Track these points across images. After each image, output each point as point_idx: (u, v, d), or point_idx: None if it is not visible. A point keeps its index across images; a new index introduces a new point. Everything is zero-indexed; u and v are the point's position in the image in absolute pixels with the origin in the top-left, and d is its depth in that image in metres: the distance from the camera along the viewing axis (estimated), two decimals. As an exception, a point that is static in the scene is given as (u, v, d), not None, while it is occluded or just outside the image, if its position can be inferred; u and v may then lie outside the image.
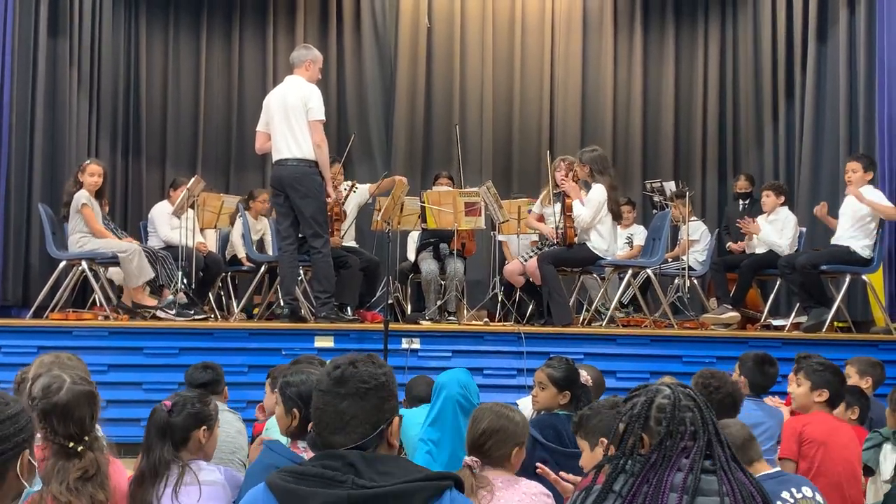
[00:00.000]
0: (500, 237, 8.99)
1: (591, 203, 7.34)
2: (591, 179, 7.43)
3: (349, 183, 8.40)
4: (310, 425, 2.34)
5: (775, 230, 8.12)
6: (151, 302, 7.46)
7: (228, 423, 4.15)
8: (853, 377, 5.09)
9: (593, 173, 7.43)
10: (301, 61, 7.08)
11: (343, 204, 8.15)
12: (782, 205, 8.22)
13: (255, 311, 8.56)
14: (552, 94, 11.00)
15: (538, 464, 3.40)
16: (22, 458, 1.99)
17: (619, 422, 2.28)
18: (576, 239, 7.47)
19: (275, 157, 7.02)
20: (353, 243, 8.53)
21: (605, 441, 2.34)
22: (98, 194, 7.50)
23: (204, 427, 3.29)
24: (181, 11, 10.74)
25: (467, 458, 3.19)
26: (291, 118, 6.85)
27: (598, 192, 7.34)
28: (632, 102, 11.06)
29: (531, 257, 7.70)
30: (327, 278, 7.04)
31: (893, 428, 4.14)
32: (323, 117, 6.94)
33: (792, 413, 4.45)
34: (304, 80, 6.99)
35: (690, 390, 2.26)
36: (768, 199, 8.22)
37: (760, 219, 8.27)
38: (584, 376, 4.09)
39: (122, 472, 3.16)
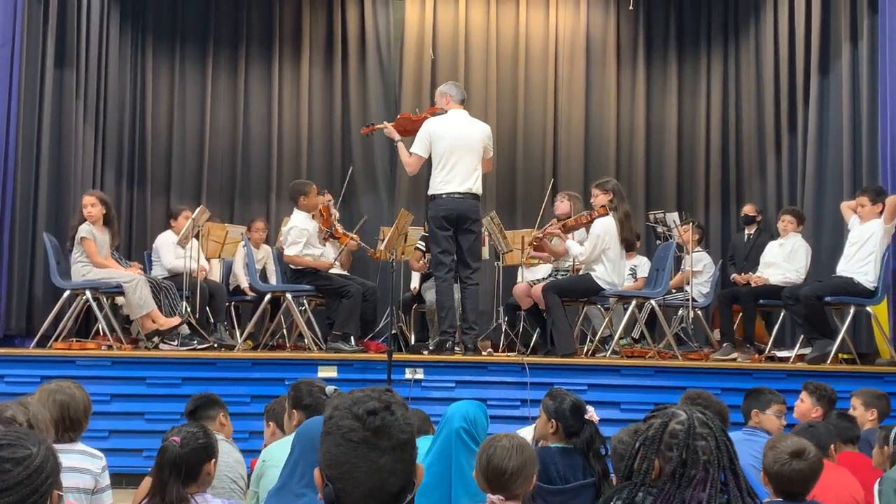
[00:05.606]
0: (525, 272, 8.93)
1: (589, 239, 7.47)
2: (609, 207, 7.48)
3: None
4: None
5: (783, 253, 8.08)
6: (169, 322, 7.41)
7: (227, 454, 4.12)
8: (858, 409, 5.11)
9: (615, 201, 7.50)
10: None
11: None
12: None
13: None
14: (556, 126, 11.03)
15: None
16: (52, 499, 1.99)
17: (635, 442, 2.25)
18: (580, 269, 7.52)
19: (447, 189, 7.14)
20: (342, 271, 8.52)
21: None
22: (107, 222, 7.52)
23: (213, 459, 3.26)
24: (187, 42, 10.81)
25: (493, 497, 3.07)
26: (475, 156, 7.16)
27: (598, 226, 7.42)
28: (635, 134, 11.10)
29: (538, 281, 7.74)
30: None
31: (880, 464, 4.08)
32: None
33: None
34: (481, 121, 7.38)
35: (707, 415, 2.21)
36: (791, 224, 8.16)
37: (773, 243, 8.26)
38: (591, 413, 4.05)
39: None
